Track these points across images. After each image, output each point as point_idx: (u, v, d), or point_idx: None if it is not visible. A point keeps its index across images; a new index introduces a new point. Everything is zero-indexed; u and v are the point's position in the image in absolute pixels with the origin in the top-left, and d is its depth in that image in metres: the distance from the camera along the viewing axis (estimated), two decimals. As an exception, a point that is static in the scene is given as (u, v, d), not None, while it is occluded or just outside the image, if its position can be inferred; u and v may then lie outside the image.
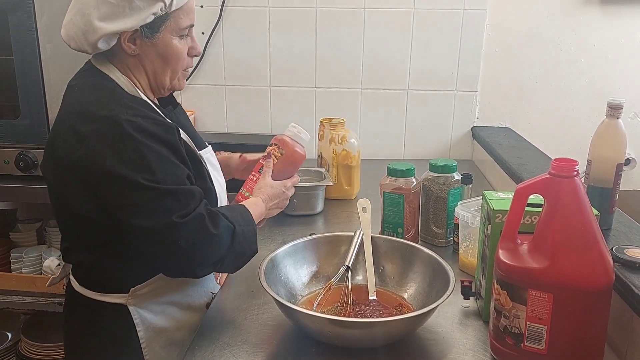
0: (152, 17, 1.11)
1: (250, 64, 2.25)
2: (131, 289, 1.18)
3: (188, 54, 1.22)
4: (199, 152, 1.23)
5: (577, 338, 0.94)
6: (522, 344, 0.97)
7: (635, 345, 1.02)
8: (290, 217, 1.66)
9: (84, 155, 1.06)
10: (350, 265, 1.24)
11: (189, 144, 1.21)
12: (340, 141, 1.80)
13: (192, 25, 1.20)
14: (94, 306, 1.20)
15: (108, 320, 1.20)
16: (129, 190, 1.04)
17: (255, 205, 1.27)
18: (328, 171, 1.83)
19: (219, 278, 1.32)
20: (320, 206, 1.72)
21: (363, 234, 1.28)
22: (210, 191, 1.22)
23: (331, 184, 1.76)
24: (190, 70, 1.26)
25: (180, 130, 1.17)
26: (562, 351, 0.95)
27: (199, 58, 2.22)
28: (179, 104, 1.34)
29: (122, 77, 1.16)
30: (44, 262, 2.01)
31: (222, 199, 1.31)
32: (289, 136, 1.42)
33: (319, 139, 1.87)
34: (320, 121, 1.86)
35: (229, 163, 1.50)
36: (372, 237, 1.28)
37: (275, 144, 1.41)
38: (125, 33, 1.11)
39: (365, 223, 1.29)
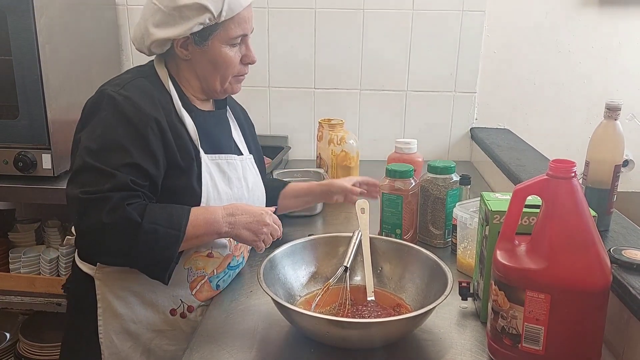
0: (201, 27, 1.17)
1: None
2: (98, 263, 1.23)
3: (241, 62, 1.27)
4: (203, 154, 1.22)
5: (575, 339, 0.94)
6: (519, 345, 0.97)
7: (632, 346, 1.03)
8: (289, 218, 1.66)
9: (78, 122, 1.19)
10: (348, 266, 1.24)
11: (189, 142, 1.20)
12: (339, 142, 1.80)
13: (244, 35, 1.24)
14: (77, 270, 1.28)
15: (83, 286, 1.26)
16: (78, 152, 1.13)
17: (206, 211, 1.18)
18: (327, 172, 1.83)
19: (195, 290, 1.25)
20: (319, 207, 1.73)
21: (361, 235, 1.28)
22: (192, 191, 1.20)
23: (330, 184, 1.76)
24: (245, 75, 1.30)
25: (173, 127, 1.18)
26: (560, 352, 0.95)
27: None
28: (225, 107, 1.37)
29: (163, 71, 1.24)
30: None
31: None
32: (405, 152, 1.57)
33: (317, 140, 1.87)
34: (319, 122, 1.86)
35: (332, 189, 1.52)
36: (371, 238, 1.28)
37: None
38: (177, 39, 1.19)
39: (364, 224, 1.29)
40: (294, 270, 1.24)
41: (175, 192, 1.18)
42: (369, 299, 1.19)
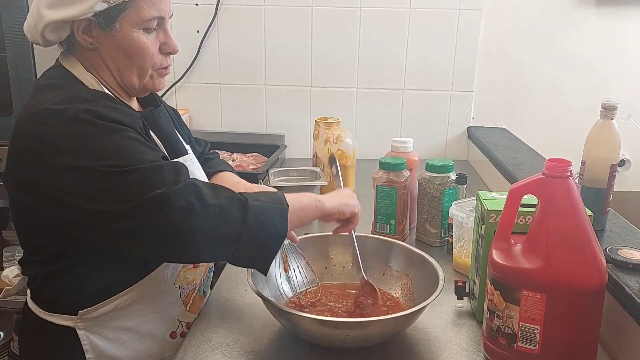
0: (105, 5, 0.99)
1: (245, 62, 2.25)
2: (79, 312, 1.06)
3: (161, 51, 1.09)
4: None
5: (570, 338, 0.94)
6: (515, 345, 0.97)
7: (628, 346, 1.02)
8: (285, 217, 1.65)
9: (47, 160, 0.94)
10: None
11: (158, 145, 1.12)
12: (335, 141, 1.80)
13: (161, 18, 1.06)
14: (44, 326, 1.10)
15: (56, 343, 1.10)
16: (101, 180, 0.91)
17: (298, 194, 1.10)
18: (323, 171, 1.82)
19: (189, 305, 1.19)
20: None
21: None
22: None
23: (326, 183, 1.75)
24: (168, 68, 1.13)
25: (149, 128, 1.09)
26: (555, 352, 0.94)
27: (194, 56, 2.22)
28: (160, 104, 1.22)
29: (85, 73, 1.07)
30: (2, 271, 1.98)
31: None
32: (401, 151, 1.54)
33: (314, 139, 1.86)
34: (316, 120, 1.86)
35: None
36: (364, 237, 1.27)
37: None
38: (77, 23, 1.01)
39: None
40: (285, 271, 1.23)
41: None
42: (365, 278, 1.18)
